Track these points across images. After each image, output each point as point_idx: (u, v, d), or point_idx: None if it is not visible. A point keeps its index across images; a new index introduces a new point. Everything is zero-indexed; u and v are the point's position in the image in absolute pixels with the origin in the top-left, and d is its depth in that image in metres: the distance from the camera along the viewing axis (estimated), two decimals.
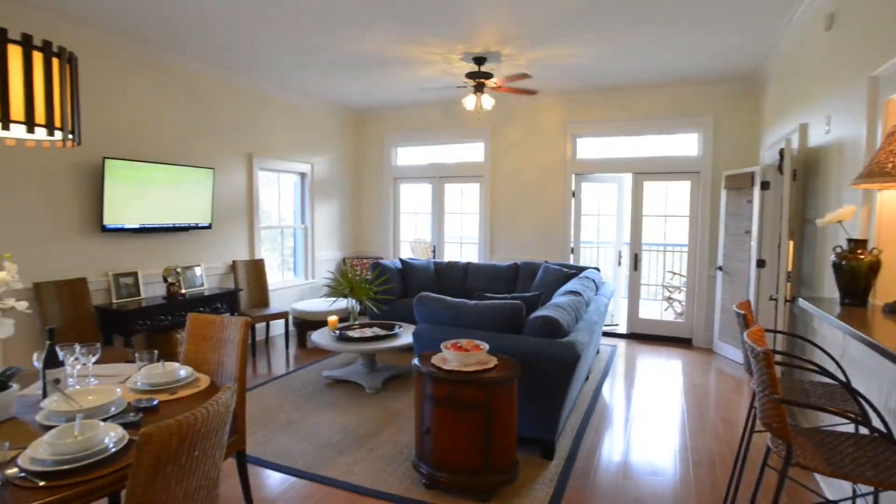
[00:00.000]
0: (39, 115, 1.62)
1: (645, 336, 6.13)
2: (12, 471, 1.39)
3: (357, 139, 7.57)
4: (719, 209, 5.50)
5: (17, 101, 1.56)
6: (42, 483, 1.34)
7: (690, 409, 3.92)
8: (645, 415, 3.82)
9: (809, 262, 3.41)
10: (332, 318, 4.56)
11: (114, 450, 1.50)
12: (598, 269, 5.40)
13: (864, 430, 1.91)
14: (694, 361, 5.24)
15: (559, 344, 2.98)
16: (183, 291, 4.71)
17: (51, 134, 1.69)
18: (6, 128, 1.57)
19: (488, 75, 4.87)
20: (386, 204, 7.43)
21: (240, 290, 5.31)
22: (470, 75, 4.87)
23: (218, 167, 5.30)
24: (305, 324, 5.66)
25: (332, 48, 4.50)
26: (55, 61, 1.68)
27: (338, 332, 4.39)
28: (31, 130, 1.62)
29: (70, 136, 1.78)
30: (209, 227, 5.13)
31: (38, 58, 1.62)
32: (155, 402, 1.89)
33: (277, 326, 6.09)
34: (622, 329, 6.33)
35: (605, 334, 6.25)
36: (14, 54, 1.56)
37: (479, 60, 4.69)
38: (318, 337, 4.38)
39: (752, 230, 4.74)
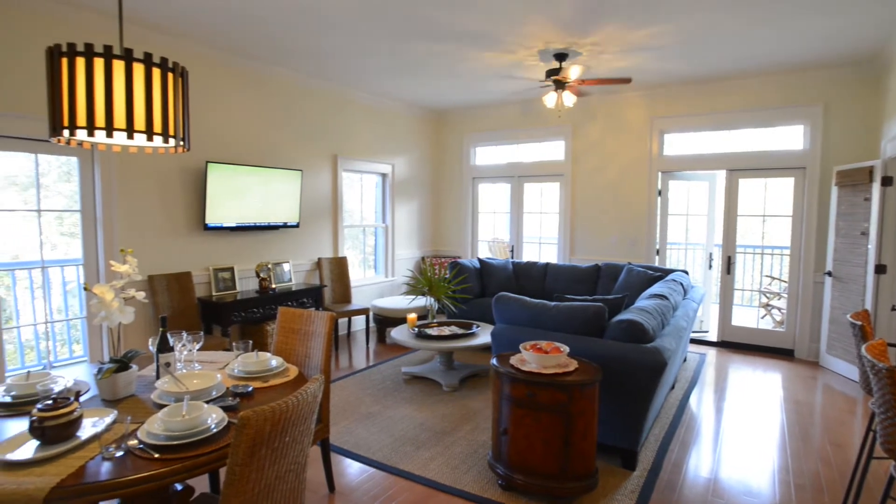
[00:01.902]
0: (157, 124, 1.80)
1: (738, 345, 5.69)
2: (133, 442, 1.56)
3: (436, 139, 7.68)
4: (829, 208, 4.99)
5: (139, 112, 1.74)
6: (157, 455, 1.49)
7: (792, 428, 3.59)
8: (738, 430, 3.55)
9: None
10: (411, 316, 4.67)
11: (215, 430, 1.63)
12: (686, 272, 5.10)
13: None
14: (796, 375, 4.79)
15: (643, 349, 2.85)
16: (273, 286, 5.03)
17: (166, 141, 1.87)
18: (130, 137, 1.75)
19: (567, 71, 4.74)
20: (464, 203, 7.47)
21: (324, 286, 5.57)
22: (550, 72, 4.78)
23: (305, 169, 5.60)
24: (385, 320, 5.84)
25: (411, 51, 4.59)
26: (170, 76, 1.85)
27: (416, 329, 4.49)
28: (150, 139, 1.80)
29: (181, 143, 1.96)
30: (297, 225, 5.43)
31: (156, 73, 1.79)
32: (250, 389, 2.04)
33: (359, 322, 6.32)
34: (712, 336, 5.93)
35: (694, 341, 5.89)
36: (137, 71, 1.74)
37: (560, 57, 4.59)
38: (398, 334, 4.50)
39: (869, 231, 4.25)
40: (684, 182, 6.12)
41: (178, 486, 2.03)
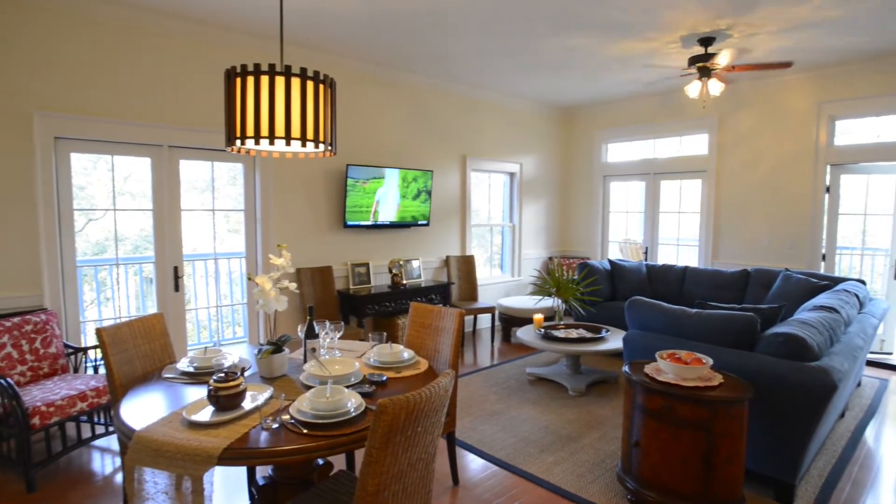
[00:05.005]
0: (310, 131, 1.98)
1: None
2: (286, 417, 1.74)
3: (565, 137, 7.49)
4: None
5: (295, 121, 1.94)
6: (305, 431, 1.64)
7: None
8: None
9: None
10: (538, 317, 4.60)
11: (354, 413, 1.75)
12: (862, 282, 4.36)
13: None
14: None
15: (806, 368, 2.49)
16: (404, 282, 5.28)
17: (316, 147, 2.05)
18: (288, 143, 1.96)
19: (714, 57, 4.31)
20: (594, 203, 7.18)
21: (452, 283, 5.73)
22: (694, 59, 4.38)
23: (436, 169, 5.80)
24: (511, 319, 5.83)
25: (541, 48, 4.52)
26: (321, 87, 2.03)
27: (542, 330, 4.41)
28: (303, 145, 1.99)
29: (329, 148, 2.14)
30: (427, 224, 5.65)
31: (309, 86, 1.98)
32: (384, 378, 2.16)
33: (484, 320, 6.40)
34: None
35: (872, 364, 5.02)
36: (294, 85, 1.93)
37: (706, 41, 4.19)
38: (524, 334, 4.46)
39: None
40: (861, 176, 5.24)
41: (321, 461, 2.23)
